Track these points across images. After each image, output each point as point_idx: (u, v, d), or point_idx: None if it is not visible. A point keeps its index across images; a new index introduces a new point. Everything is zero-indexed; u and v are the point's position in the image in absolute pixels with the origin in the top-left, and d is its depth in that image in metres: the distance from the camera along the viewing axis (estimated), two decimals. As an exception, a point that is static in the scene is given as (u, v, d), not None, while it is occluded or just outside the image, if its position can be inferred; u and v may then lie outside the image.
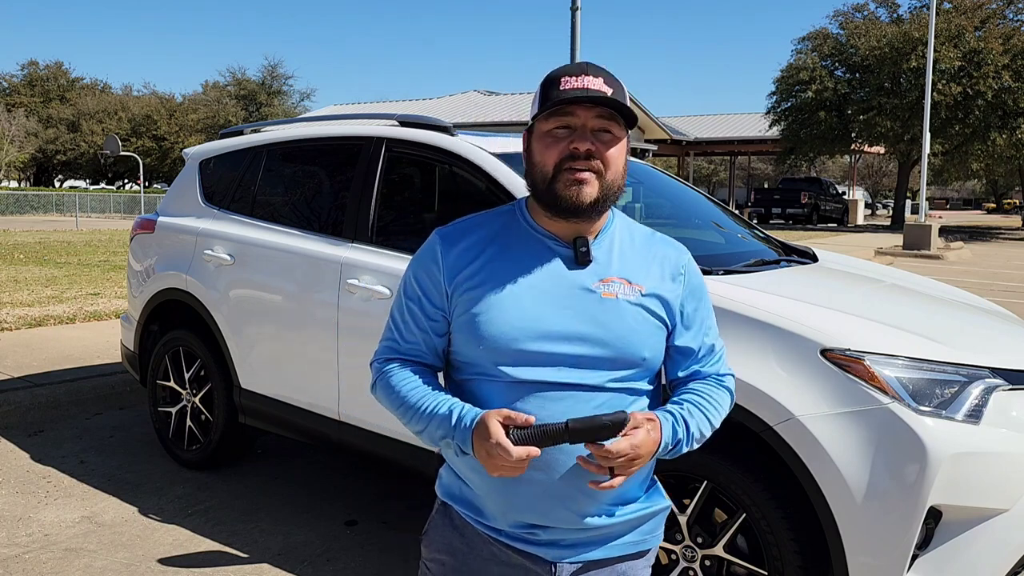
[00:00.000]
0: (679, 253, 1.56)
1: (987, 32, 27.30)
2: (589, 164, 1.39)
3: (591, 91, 1.38)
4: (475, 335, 1.41)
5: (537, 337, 1.40)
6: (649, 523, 1.52)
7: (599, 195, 1.41)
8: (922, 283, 3.66)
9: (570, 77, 1.40)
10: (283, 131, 4.22)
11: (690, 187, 4.28)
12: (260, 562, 3.26)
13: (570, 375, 1.40)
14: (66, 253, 15.74)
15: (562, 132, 1.40)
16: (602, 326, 1.41)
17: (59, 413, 5.21)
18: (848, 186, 47.48)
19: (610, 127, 1.41)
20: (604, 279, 1.44)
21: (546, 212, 1.45)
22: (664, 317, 1.49)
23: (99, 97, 58.92)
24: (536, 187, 1.44)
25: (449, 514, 1.52)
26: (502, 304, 1.41)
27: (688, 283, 1.53)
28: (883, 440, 2.23)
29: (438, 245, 1.49)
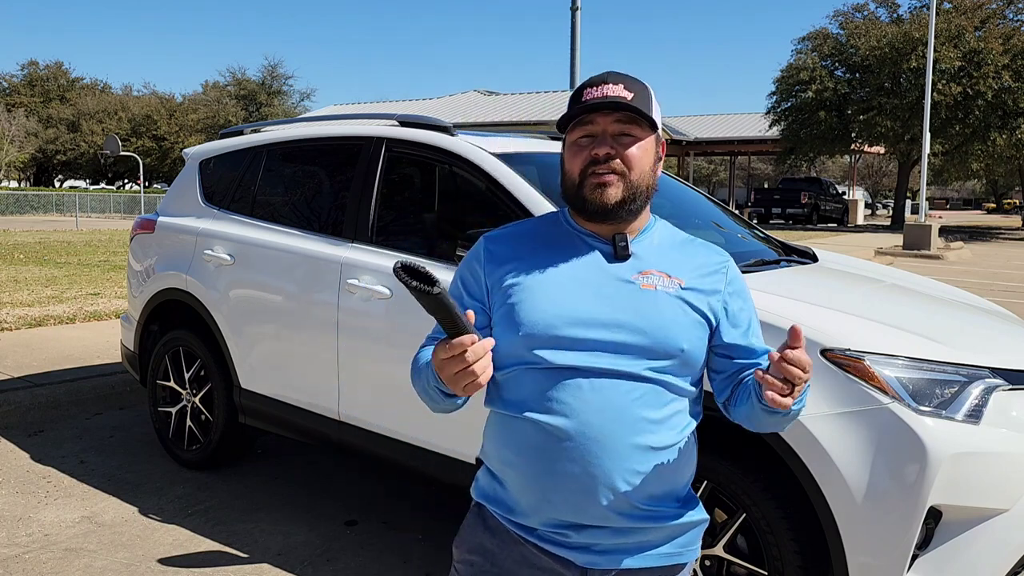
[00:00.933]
0: (720, 255, 1.59)
1: (987, 32, 27.30)
2: (610, 167, 1.44)
3: (609, 98, 1.43)
4: (513, 321, 1.44)
5: (574, 323, 1.42)
6: (687, 535, 1.51)
7: (624, 195, 1.46)
8: (922, 283, 3.66)
9: (592, 88, 1.47)
10: (283, 131, 4.22)
11: (690, 187, 4.28)
12: (260, 562, 3.26)
13: (606, 360, 1.41)
14: (66, 253, 15.74)
15: (586, 141, 1.47)
16: (640, 315, 1.43)
17: (59, 413, 5.21)
18: (848, 186, 47.49)
19: (630, 130, 1.46)
20: (643, 272, 1.48)
21: (580, 216, 1.51)
22: (705, 312, 1.49)
23: (99, 97, 58.92)
24: (568, 194, 1.51)
25: (483, 515, 1.52)
26: (540, 291, 1.45)
27: (730, 282, 1.55)
28: (883, 440, 2.23)
29: (482, 246, 1.56)
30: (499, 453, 1.47)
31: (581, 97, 1.47)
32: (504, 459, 1.46)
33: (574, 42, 12.57)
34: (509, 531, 1.47)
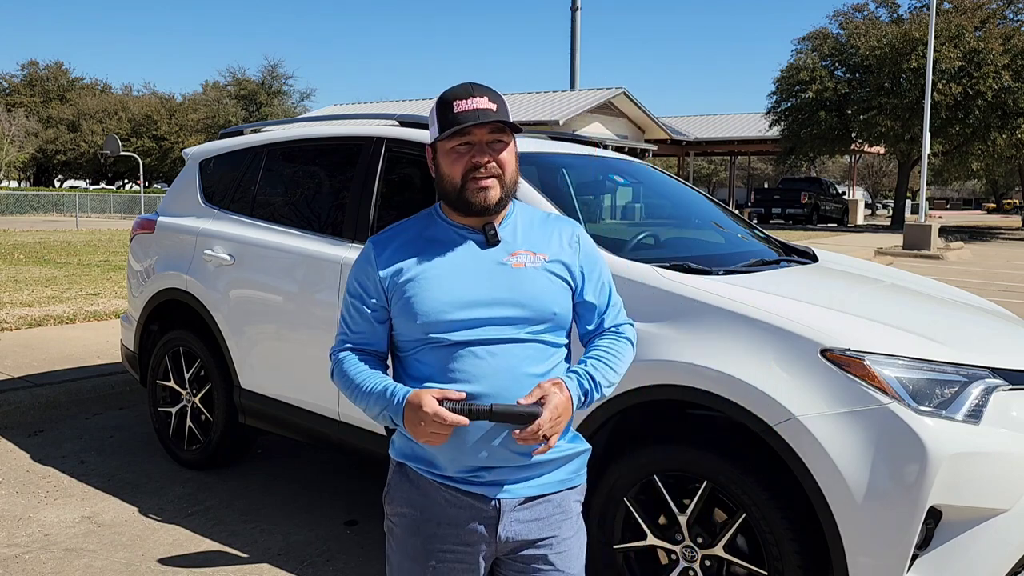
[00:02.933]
0: (572, 226, 1.85)
1: (987, 32, 27.28)
2: (488, 171, 1.68)
3: (480, 112, 1.66)
4: (411, 312, 1.68)
5: (462, 306, 1.67)
6: (574, 463, 1.78)
7: (502, 194, 1.71)
8: (922, 283, 3.66)
9: (460, 100, 1.67)
10: (283, 131, 4.22)
11: (690, 187, 4.28)
12: (260, 562, 3.26)
13: (493, 332, 1.67)
14: (66, 253, 15.74)
15: (463, 148, 1.68)
16: (516, 291, 1.70)
17: (59, 413, 5.21)
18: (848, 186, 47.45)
19: (500, 137, 1.71)
20: (512, 253, 1.73)
21: (457, 213, 1.74)
22: (567, 278, 1.77)
23: (99, 97, 58.90)
24: (448, 196, 1.72)
25: (405, 472, 1.75)
26: (430, 284, 1.69)
27: (583, 249, 1.82)
28: (883, 440, 2.23)
29: (371, 250, 1.78)
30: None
31: (453, 108, 1.67)
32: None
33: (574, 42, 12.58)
34: (431, 481, 1.71)
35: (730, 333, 2.50)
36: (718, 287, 2.67)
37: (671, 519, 2.61)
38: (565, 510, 1.76)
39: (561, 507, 1.75)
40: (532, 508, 1.71)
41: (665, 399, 2.60)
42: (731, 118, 40.39)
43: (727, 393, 2.42)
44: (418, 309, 1.67)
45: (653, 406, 2.67)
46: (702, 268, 2.85)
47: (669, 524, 2.63)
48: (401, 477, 1.76)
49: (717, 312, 2.55)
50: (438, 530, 1.70)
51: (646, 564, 2.69)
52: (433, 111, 1.73)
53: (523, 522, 1.70)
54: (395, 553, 1.77)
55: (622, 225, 4.16)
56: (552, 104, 29.52)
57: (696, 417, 2.74)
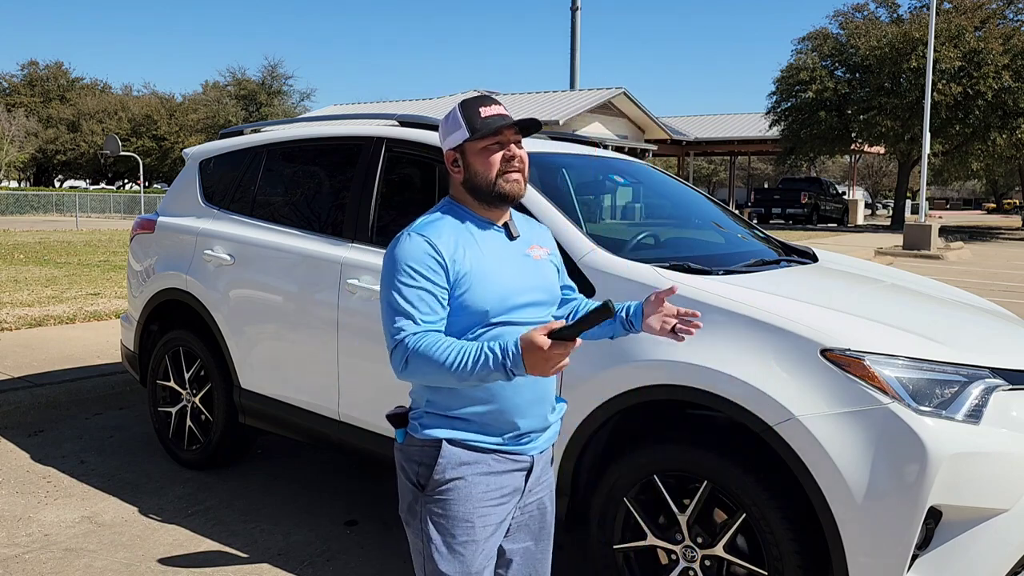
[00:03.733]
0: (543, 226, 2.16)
1: (987, 32, 27.28)
2: (518, 167, 1.91)
3: (505, 116, 1.90)
4: (473, 302, 1.84)
5: (514, 293, 1.90)
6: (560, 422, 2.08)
7: (525, 186, 1.95)
8: (922, 283, 3.66)
9: (485, 107, 1.90)
10: (283, 131, 4.22)
11: (690, 187, 4.28)
12: (260, 562, 3.26)
13: (531, 313, 1.92)
14: (66, 253, 15.74)
15: (495, 147, 1.89)
16: (541, 278, 1.99)
17: (59, 413, 5.21)
18: (848, 186, 47.45)
19: (518, 138, 1.94)
20: (530, 247, 2.00)
21: (484, 205, 1.92)
22: (559, 267, 2.12)
23: (99, 97, 58.88)
24: (480, 190, 1.90)
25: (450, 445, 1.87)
26: (487, 275, 1.87)
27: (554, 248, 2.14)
28: (883, 440, 2.23)
29: (425, 239, 1.86)
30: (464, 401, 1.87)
31: (479, 114, 1.89)
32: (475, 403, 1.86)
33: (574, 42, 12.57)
34: (482, 448, 1.88)
35: (730, 333, 2.50)
36: (718, 287, 2.67)
37: (671, 519, 2.61)
38: (551, 457, 2.09)
39: (550, 455, 2.07)
40: (543, 458, 2.00)
41: (665, 399, 2.60)
42: (731, 118, 40.38)
43: (727, 393, 2.43)
44: (481, 298, 1.84)
45: (653, 406, 2.68)
46: (702, 268, 2.85)
47: (669, 524, 2.63)
48: (447, 451, 1.87)
49: (717, 312, 2.55)
50: (491, 492, 1.88)
51: (646, 564, 2.69)
52: (457, 117, 1.91)
53: (539, 471, 1.98)
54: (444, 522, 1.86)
55: (622, 225, 4.16)
56: (552, 104, 29.51)
57: (696, 417, 2.74)
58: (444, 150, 1.96)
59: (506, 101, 33.18)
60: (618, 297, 2.72)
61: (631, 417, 2.75)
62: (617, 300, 2.71)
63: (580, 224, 3.04)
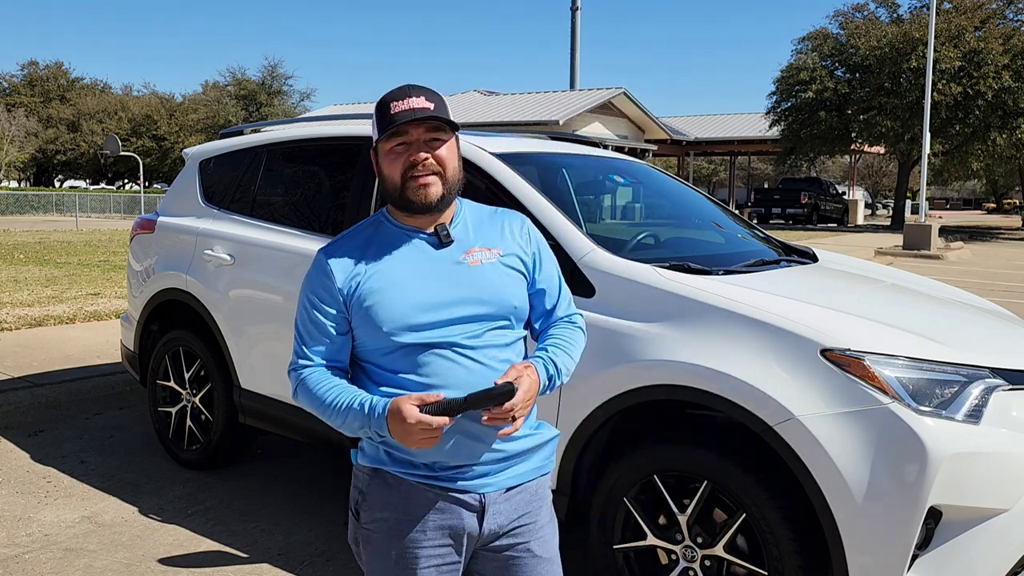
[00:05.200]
0: (520, 218, 1.88)
1: (987, 32, 27.28)
2: (428, 168, 1.69)
3: (417, 110, 1.67)
4: (374, 321, 1.67)
5: (426, 309, 1.67)
6: (545, 449, 1.81)
7: (444, 191, 1.71)
8: (922, 283, 3.66)
9: (397, 101, 1.69)
10: (283, 131, 4.22)
11: (690, 187, 4.27)
12: (260, 562, 3.26)
13: (460, 331, 1.68)
14: (66, 253, 15.74)
15: (401, 148, 1.70)
16: (476, 288, 1.71)
17: (59, 413, 5.21)
18: (848, 186, 47.44)
19: (438, 135, 1.71)
20: (468, 251, 1.74)
21: (404, 213, 1.74)
22: (521, 269, 1.80)
23: (99, 97, 58.89)
24: (390, 196, 1.73)
25: (382, 477, 1.72)
26: (390, 289, 1.68)
27: (533, 238, 1.85)
28: (883, 440, 2.23)
29: (324, 261, 1.74)
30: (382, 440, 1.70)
31: (390, 110, 1.68)
32: None
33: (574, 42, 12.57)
34: (413, 483, 1.69)
35: (730, 333, 2.50)
36: (718, 287, 2.67)
37: (671, 519, 2.61)
38: (541, 496, 1.81)
39: (537, 494, 1.79)
40: (512, 498, 1.74)
41: (665, 399, 2.60)
42: (731, 118, 40.38)
43: (727, 393, 2.42)
44: (382, 315, 1.67)
45: (653, 406, 2.67)
46: (702, 268, 2.85)
47: (669, 524, 2.63)
48: (378, 483, 1.73)
49: (717, 312, 2.55)
50: (424, 530, 1.69)
51: (646, 564, 2.69)
52: (373, 115, 1.74)
53: (505, 512, 1.73)
54: (375, 560, 1.73)
55: (622, 225, 4.16)
56: (552, 104, 29.52)
57: (696, 417, 2.74)
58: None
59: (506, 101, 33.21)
60: (618, 297, 2.73)
61: (631, 417, 2.75)
62: (616, 301, 2.73)
63: (580, 224, 3.04)
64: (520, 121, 27.59)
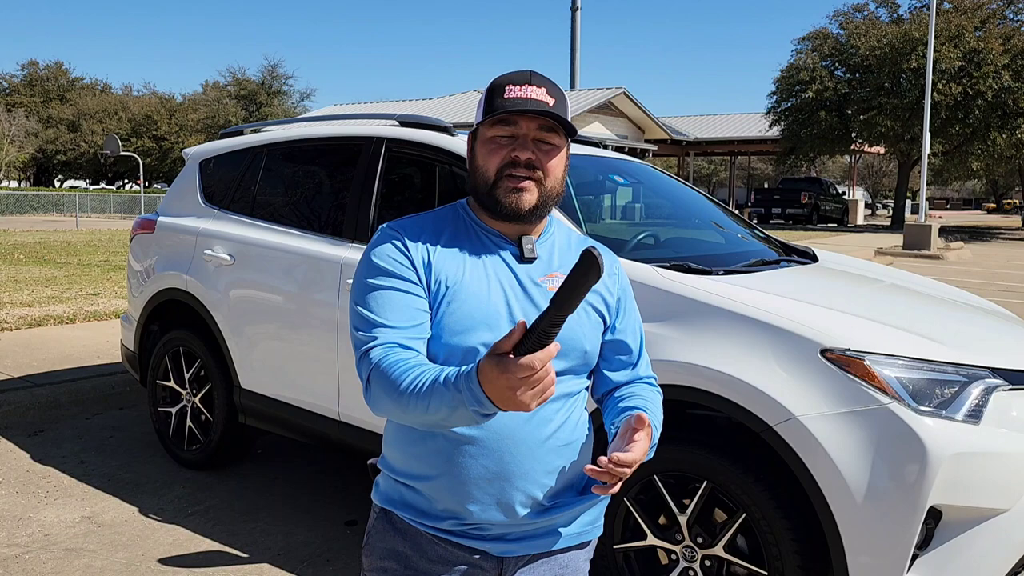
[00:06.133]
0: (612, 257, 1.63)
1: (987, 32, 27.29)
2: (530, 172, 1.45)
3: (533, 101, 1.42)
4: (439, 327, 1.42)
5: (494, 326, 1.42)
6: (590, 512, 1.54)
7: (538, 202, 1.47)
8: (922, 283, 3.66)
9: (514, 86, 1.44)
10: (283, 131, 4.22)
11: (690, 187, 4.28)
12: (260, 562, 3.26)
13: None
14: (66, 253, 15.74)
15: (505, 140, 1.46)
16: None
17: (59, 413, 5.21)
18: (848, 186, 47.46)
19: (550, 138, 1.47)
20: (549, 274, 1.50)
21: (489, 213, 1.49)
22: (603, 311, 1.54)
23: (99, 97, 58.89)
24: (478, 190, 1.49)
25: (391, 519, 1.50)
26: (465, 295, 1.43)
27: (621, 280, 1.61)
28: (883, 440, 2.23)
29: (396, 237, 1.48)
30: (409, 462, 1.45)
31: (503, 93, 1.44)
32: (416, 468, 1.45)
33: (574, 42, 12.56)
34: (423, 533, 1.46)
35: (730, 333, 2.50)
36: (718, 287, 2.67)
37: (671, 519, 2.61)
38: (574, 571, 1.53)
39: (569, 567, 1.52)
40: (536, 568, 1.48)
41: (665, 399, 2.60)
42: (731, 118, 40.38)
43: (727, 393, 2.42)
44: (450, 323, 1.41)
45: (653, 406, 2.67)
46: (702, 268, 2.85)
47: (669, 524, 2.63)
48: (386, 525, 1.49)
49: (717, 312, 2.55)
50: None
51: (646, 564, 2.69)
52: (482, 96, 1.50)
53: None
54: None
55: (622, 225, 4.16)
56: (552, 104, 29.47)
57: (696, 417, 2.74)
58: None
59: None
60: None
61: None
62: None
63: (580, 224, 3.04)
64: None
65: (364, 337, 1.41)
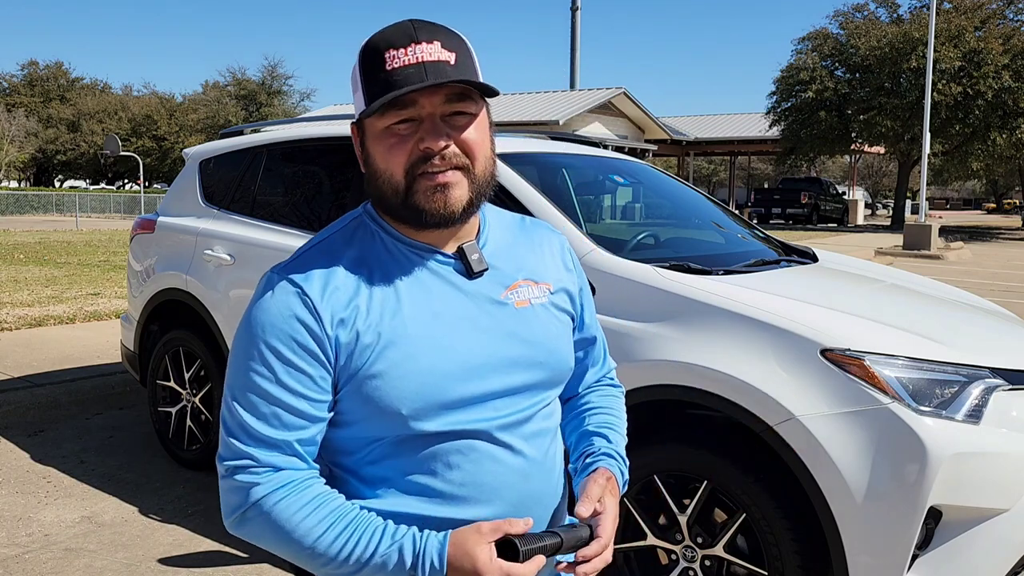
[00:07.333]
0: (556, 234, 1.31)
1: (987, 32, 27.31)
2: (449, 162, 1.08)
3: (428, 65, 1.04)
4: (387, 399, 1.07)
5: (466, 376, 1.09)
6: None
7: (471, 194, 1.11)
8: (922, 283, 3.66)
9: (396, 50, 1.05)
10: (283, 131, 4.22)
11: (690, 187, 4.27)
12: (260, 562, 3.26)
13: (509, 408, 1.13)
14: (66, 253, 15.74)
15: (405, 128, 1.08)
16: (530, 344, 1.15)
17: (59, 413, 5.21)
18: (848, 186, 47.47)
19: (464, 107, 1.08)
20: (509, 286, 1.17)
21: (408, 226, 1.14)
22: (571, 311, 1.27)
23: (99, 97, 58.91)
24: (388, 201, 1.12)
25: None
26: (415, 347, 1.08)
27: (576, 266, 1.31)
28: (883, 440, 2.23)
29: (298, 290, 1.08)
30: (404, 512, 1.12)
31: (384, 63, 1.05)
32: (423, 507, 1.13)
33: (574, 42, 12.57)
34: None
35: (730, 333, 2.50)
36: (718, 287, 2.67)
37: (671, 519, 2.61)
38: None
39: None
40: None
41: (665, 399, 2.60)
42: (731, 118, 40.39)
43: (727, 393, 2.42)
44: (401, 388, 1.06)
45: (653, 406, 2.67)
46: (702, 268, 2.85)
47: (669, 524, 2.63)
48: None
49: (717, 312, 2.55)
50: None
51: (646, 564, 2.69)
52: (355, 70, 1.11)
53: None
54: None
55: (622, 225, 4.16)
56: (552, 104, 29.52)
57: (696, 417, 2.74)
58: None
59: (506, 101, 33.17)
60: (618, 297, 2.72)
61: (631, 417, 2.74)
62: (617, 300, 2.73)
63: (580, 224, 3.04)
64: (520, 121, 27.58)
65: (238, 450, 1.09)
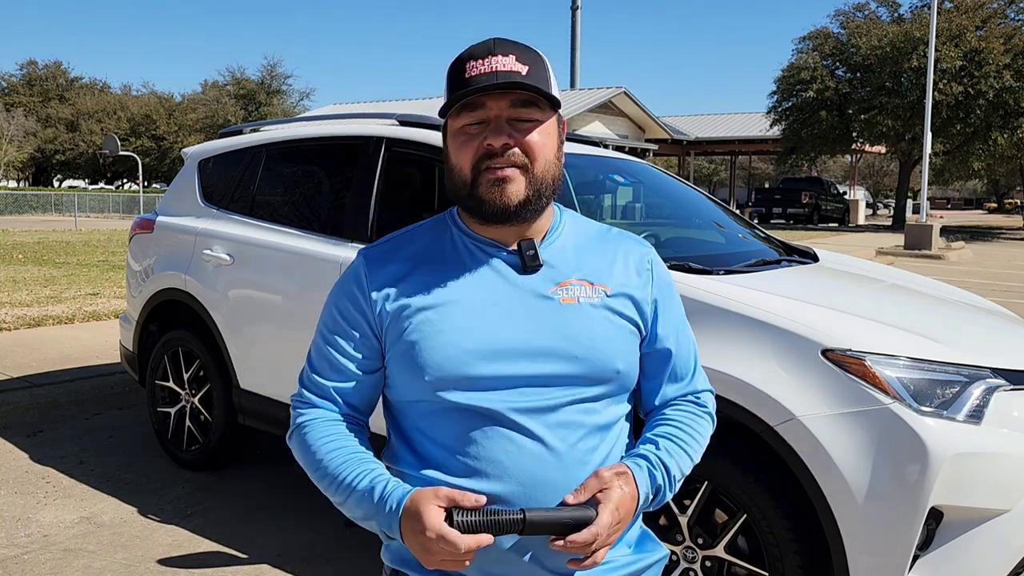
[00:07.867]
0: (642, 246, 1.37)
1: (988, 32, 27.30)
2: (509, 159, 1.20)
3: (500, 74, 1.18)
4: (416, 365, 1.21)
5: (491, 356, 1.20)
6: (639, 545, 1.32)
7: (528, 192, 1.22)
8: (923, 283, 3.66)
9: (476, 61, 1.20)
10: (282, 131, 4.21)
11: (691, 187, 4.27)
12: (260, 562, 3.26)
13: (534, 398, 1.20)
14: (65, 253, 15.74)
15: (475, 128, 1.22)
16: (567, 337, 1.22)
17: (59, 413, 5.21)
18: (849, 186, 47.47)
19: (529, 113, 1.22)
20: (561, 283, 1.26)
21: (475, 219, 1.27)
22: (635, 318, 1.30)
23: (98, 97, 58.91)
24: (458, 192, 1.25)
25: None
26: (445, 321, 1.22)
27: (656, 277, 1.35)
28: (884, 440, 2.22)
29: (363, 268, 1.30)
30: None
31: (464, 72, 1.20)
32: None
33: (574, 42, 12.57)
34: None
35: (731, 333, 2.49)
36: (719, 287, 2.66)
37: (671, 520, 2.61)
38: None
39: None
40: None
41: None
42: (732, 118, 40.39)
43: (728, 393, 2.42)
44: (426, 357, 1.20)
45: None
46: (703, 268, 2.85)
47: (669, 525, 2.62)
48: None
49: (718, 312, 2.54)
50: None
51: (646, 565, 2.68)
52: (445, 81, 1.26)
53: None
54: None
55: (622, 225, 4.15)
56: (552, 104, 29.48)
57: (696, 417, 2.72)
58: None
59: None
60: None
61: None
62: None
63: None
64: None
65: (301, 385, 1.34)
